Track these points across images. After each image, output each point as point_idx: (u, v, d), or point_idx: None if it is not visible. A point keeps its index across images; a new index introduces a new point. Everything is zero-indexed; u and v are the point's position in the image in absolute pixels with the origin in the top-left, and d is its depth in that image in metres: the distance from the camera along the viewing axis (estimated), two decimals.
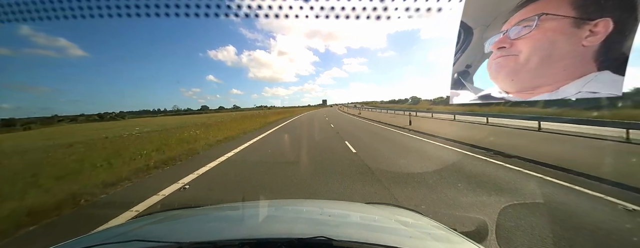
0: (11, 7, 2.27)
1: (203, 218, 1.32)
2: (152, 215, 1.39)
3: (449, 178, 4.41)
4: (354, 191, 3.91)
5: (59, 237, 2.36)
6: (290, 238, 0.85)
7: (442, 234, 1.11)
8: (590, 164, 4.86)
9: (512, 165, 5.28)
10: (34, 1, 2.20)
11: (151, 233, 1.09)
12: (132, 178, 4.89)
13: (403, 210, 1.52)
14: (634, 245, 2.41)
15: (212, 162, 6.21)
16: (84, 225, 3.00)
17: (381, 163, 5.69)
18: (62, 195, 3.76)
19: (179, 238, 0.91)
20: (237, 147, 8.61)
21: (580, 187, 3.85)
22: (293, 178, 4.63)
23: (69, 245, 0.96)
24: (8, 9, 2.29)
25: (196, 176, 4.98)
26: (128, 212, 3.27)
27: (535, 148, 6.51)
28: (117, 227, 1.18)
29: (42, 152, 7.67)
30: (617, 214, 3.01)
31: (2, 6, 2.30)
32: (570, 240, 2.39)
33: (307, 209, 1.53)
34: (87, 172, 5.03)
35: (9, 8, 2.28)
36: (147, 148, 7.44)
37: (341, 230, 1.03)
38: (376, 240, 0.86)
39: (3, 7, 2.30)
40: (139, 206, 3.47)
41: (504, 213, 2.90)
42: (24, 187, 4.05)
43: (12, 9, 2.28)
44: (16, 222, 3.07)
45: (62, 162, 6.00)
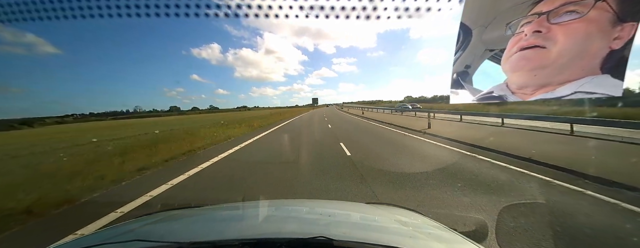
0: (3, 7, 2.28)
1: (203, 218, 1.32)
2: (152, 215, 1.39)
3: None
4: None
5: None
6: (290, 238, 0.85)
7: (442, 234, 1.11)
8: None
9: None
10: (17, 2, 2.21)
11: (151, 233, 1.08)
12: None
13: (403, 210, 1.52)
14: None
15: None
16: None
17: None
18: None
19: (179, 238, 0.91)
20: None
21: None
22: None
23: (69, 245, 0.96)
24: (8, 9, 2.30)
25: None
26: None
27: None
28: (117, 227, 1.18)
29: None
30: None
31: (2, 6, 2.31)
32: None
33: (307, 209, 1.53)
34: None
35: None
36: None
37: (341, 230, 1.03)
38: (376, 240, 0.86)
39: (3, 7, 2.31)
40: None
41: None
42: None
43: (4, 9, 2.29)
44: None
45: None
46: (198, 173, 5.52)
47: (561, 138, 8.16)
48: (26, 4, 2.18)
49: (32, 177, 5.38)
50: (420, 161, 5.94)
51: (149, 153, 7.42)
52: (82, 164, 6.34)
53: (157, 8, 2.07)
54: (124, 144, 10.58)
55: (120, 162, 6.36)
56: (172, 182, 4.81)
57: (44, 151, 11.37)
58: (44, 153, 10.60)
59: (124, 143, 11.03)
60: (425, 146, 8.06)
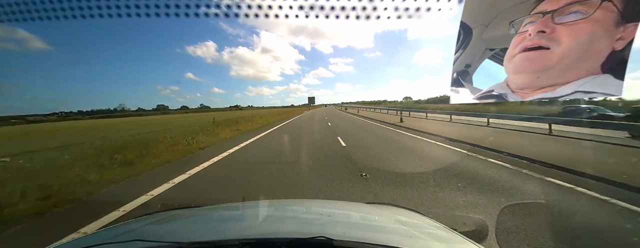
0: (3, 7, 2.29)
1: (203, 218, 1.32)
2: (152, 215, 1.39)
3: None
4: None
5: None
6: (290, 238, 0.85)
7: (442, 234, 1.11)
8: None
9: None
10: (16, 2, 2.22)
11: (151, 233, 1.09)
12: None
13: (403, 210, 1.52)
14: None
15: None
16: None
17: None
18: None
19: (179, 238, 0.91)
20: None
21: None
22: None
23: (69, 245, 0.96)
24: (8, 9, 2.31)
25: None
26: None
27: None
28: (117, 227, 1.18)
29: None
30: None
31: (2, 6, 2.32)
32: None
33: (307, 209, 1.53)
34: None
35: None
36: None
37: (341, 230, 1.03)
38: (376, 240, 0.86)
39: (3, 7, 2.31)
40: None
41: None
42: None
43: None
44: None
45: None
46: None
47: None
48: (18, 5, 2.19)
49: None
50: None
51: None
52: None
53: (157, 8, 2.07)
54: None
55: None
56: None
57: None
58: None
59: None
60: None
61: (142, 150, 7.81)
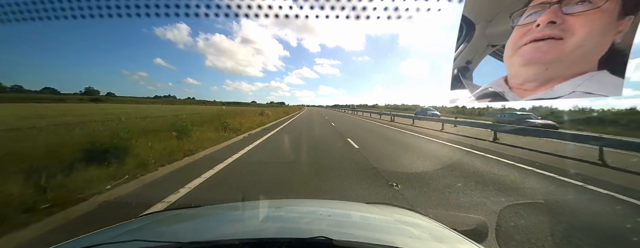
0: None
1: (203, 218, 1.33)
2: (152, 215, 1.40)
3: None
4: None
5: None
6: (290, 238, 0.85)
7: (442, 234, 1.11)
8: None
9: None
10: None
11: (151, 233, 1.09)
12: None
13: (403, 210, 1.52)
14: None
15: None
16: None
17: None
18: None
19: (179, 238, 0.91)
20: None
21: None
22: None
23: (69, 245, 0.96)
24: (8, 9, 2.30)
25: None
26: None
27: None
28: (117, 227, 1.18)
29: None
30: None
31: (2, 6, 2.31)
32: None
33: (307, 209, 1.53)
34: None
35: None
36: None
37: (341, 230, 1.03)
38: (376, 240, 0.86)
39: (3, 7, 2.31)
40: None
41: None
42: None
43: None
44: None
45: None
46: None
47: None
48: (18, 5, 2.19)
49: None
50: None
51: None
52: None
53: (157, 8, 2.05)
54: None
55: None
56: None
57: None
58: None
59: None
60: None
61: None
